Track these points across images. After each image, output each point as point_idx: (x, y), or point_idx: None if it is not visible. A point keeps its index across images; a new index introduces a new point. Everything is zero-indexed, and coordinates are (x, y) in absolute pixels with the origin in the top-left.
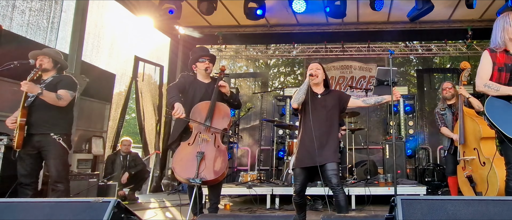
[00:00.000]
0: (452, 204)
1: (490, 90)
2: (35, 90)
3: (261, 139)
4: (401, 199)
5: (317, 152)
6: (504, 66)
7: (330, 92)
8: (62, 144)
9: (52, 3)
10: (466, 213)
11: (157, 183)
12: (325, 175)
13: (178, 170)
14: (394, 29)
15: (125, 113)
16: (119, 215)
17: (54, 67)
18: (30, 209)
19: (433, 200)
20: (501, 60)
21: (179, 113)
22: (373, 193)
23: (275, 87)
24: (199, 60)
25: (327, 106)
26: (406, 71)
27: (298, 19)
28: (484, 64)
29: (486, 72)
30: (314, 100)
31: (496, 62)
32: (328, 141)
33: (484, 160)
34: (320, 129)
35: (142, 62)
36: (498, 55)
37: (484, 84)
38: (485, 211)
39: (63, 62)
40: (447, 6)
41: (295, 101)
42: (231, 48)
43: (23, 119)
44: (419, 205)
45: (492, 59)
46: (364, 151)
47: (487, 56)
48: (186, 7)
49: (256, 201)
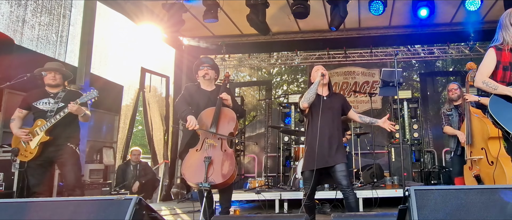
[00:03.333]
0: (465, 193)
1: (488, 88)
2: (81, 112)
3: (267, 145)
4: (414, 189)
5: (326, 153)
6: (509, 65)
7: (335, 95)
8: (77, 152)
9: (60, 17)
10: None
11: (167, 191)
12: (335, 176)
13: (188, 176)
14: (396, 34)
15: (134, 123)
16: (140, 212)
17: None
18: (56, 208)
19: (446, 190)
20: (506, 59)
21: (193, 124)
22: (380, 196)
23: (279, 95)
24: (199, 68)
25: (333, 108)
26: (410, 76)
27: (300, 26)
28: (488, 61)
29: (487, 70)
30: (319, 102)
31: (501, 61)
32: (335, 142)
33: (492, 160)
34: (328, 130)
35: (149, 73)
36: (504, 54)
37: (482, 81)
38: (498, 199)
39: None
40: (449, 9)
41: (306, 101)
42: (235, 58)
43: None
44: (433, 194)
45: (497, 58)
46: (369, 155)
47: (492, 54)
48: (190, 18)
49: (265, 207)
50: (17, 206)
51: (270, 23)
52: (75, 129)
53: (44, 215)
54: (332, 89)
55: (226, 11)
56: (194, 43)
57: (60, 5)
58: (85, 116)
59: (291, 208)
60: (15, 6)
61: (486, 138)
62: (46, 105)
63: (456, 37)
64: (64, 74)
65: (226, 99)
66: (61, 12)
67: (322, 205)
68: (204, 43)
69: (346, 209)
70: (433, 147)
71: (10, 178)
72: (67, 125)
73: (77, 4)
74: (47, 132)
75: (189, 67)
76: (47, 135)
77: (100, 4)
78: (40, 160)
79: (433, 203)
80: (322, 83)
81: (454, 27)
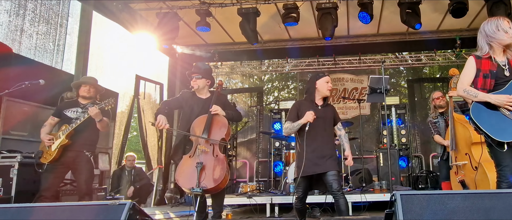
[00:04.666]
0: (449, 198)
1: (469, 95)
2: (100, 117)
3: (259, 151)
4: (400, 194)
5: (319, 161)
6: (489, 73)
7: (328, 105)
8: (92, 161)
9: (57, 26)
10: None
11: (160, 196)
12: (325, 180)
13: (181, 181)
14: (384, 41)
15: (129, 129)
16: (134, 217)
17: (96, 95)
18: (52, 213)
19: (431, 195)
20: (486, 67)
21: (161, 124)
22: (369, 200)
23: (270, 101)
24: (190, 78)
25: (326, 118)
26: (397, 82)
27: (291, 34)
28: (468, 70)
29: (467, 78)
30: (314, 111)
31: (481, 69)
32: (328, 150)
33: (475, 165)
34: (320, 138)
35: (143, 81)
36: (484, 62)
37: (463, 89)
38: (481, 204)
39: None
40: (435, 17)
41: (286, 133)
42: (227, 65)
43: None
44: (418, 199)
45: (477, 66)
46: (358, 160)
47: (472, 62)
48: (184, 27)
49: (256, 211)
50: (14, 211)
51: (261, 31)
52: (93, 138)
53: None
54: (327, 100)
55: (218, 19)
56: (188, 51)
57: (57, 15)
58: (102, 122)
59: (282, 212)
60: (13, 16)
61: (469, 144)
62: (73, 114)
63: (443, 44)
64: (97, 89)
65: (216, 111)
66: (58, 22)
67: (312, 209)
68: (197, 51)
69: (336, 212)
70: (420, 152)
71: (8, 184)
72: (87, 132)
73: (74, 13)
74: (68, 136)
75: (183, 74)
76: (68, 138)
77: (96, 14)
78: (57, 163)
79: (419, 208)
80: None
81: (440, 34)
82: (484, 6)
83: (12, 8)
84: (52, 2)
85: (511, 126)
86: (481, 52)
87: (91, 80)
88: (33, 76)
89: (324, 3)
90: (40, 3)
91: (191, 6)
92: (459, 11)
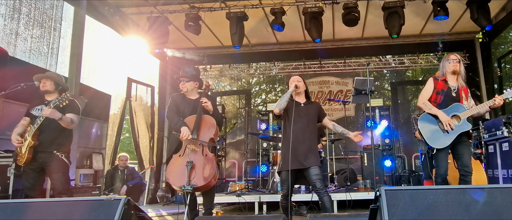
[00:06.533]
0: (432, 193)
1: (425, 107)
2: (57, 116)
3: (247, 151)
4: (385, 189)
5: (302, 156)
6: (441, 91)
7: (311, 103)
8: (64, 160)
9: (51, 30)
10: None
11: (152, 195)
12: (309, 179)
13: (172, 180)
14: (368, 45)
15: (121, 130)
16: (129, 212)
17: (56, 90)
18: (49, 208)
19: (415, 190)
20: (439, 86)
21: (186, 135)
22: (353, 198)
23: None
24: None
25: (309, 115)
26: (381, 85)
27: (278, 38)
28: (427, 87)
29: (427, 94)
30: (297, 108)
31: (436, 88)
32: (310, 146)
33: None
34: (303, 134)
35: (135, 83)
36: (439, 83)
37: (423, 102)
38: (463, 198)
39: (64, 85)
40: (418, 21)
41: (277, 107)
42: (216, 68)
43: (35, 139)
44: (402, 195)
45: (434, 85)
46: (343, 160)
47: (431, 82)
48: (174, 31)
49: (245, 209)
50: (12, 207)
51: (249, 35)
52: (64, 137)
53: (38, 216)
54: (309, 97)
55: (207, 24)
56: (178, 55)
57: (51, 19)
58: (63, 120)
59: (270, 210)
60: (8, 20)
61: None
62: (38, 112)
63: (425, 48)
64: (54, 81)
65: (206, 103)
66: (52, 25)
67: (298, 207)
68: (187, 55)
69: (321, 209)
70: (403, 152)
71: (6, 182)
72: (55, 132)
73: (67, 17)
74: (34, 137)
75: (173, 77)
76: (34, 139)
77: (89, 18)
78: (33, 165)
79: (403, 203)
80: (296, 92)
81: (423, 38)
82: (466, 10)
83: (7, 12)
84: (46, 6)
85: (443, 137)
86: (439, 76)
87: (46, 74)
88: (28, 78)
89: (311, 8)
90: (34, 7)
91: (181, 11)
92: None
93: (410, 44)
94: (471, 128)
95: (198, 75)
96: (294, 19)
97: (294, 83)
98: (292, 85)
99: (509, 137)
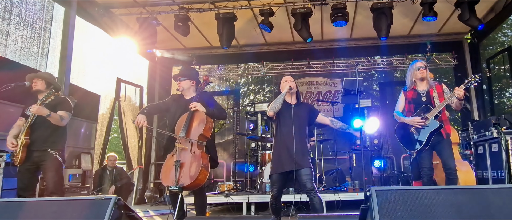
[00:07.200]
0: (423, 193)
1: (397, 117)
2: (44, 113)
3: (236, 152)
4: (375, 189)
5: (292, 159)
6: (411, 99)
7: (301, 104)
8: (58, 159)
9: (41, 31)
10: (437, 201)
11: (141, 195)
12: (300, 180)
13: (163, 180)
14: (356, 46)
15: (110, 131)
16: (119, 211)
17: (47, 89)
18: (41, 208)
19: (405, 190)
20: (409, 96)
21: (140, 121)
22: (342, 199)
23: (246, 104)
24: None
25: (299, 116)
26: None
27: (266, 39)
28: (399, 100)
29: (399, 105)
30: (288, 110)
31: (407, 98)
32: (301, 148)
33: None
34: (294, 136)
35: (124, 83)
36: (409, 93)
37: (396, 112)
38: (454, 199)
39: (56, 84)
40: (406, 22)
41: (272, 110)
42: (204, 69)
43: (27, 137)
44: (393, 195)
45: (404, 96)
46: (332, 161)
47: (402, 96)
48: (163, 32)
49: (233, 209)
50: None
51: (238, 36)
52: (58, 135)
53: (28, 215)
54: (300, 99)
55: (196, 24)
56: (167, 55)
57: (41, 19)
58: (52, 117)
59: (258, 211)
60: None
61: None
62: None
63: (414, 48)
64: (46, 81)
65: (195, 107)
66: (42, 26)
67: (287, 208)
68: (176, 55)
69: (311, 210)
70: (392, 153)
71: None
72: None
73: (57, 18)
74: (27, 135)
75: (162, 77)
76: (26, 138)
77: (79, 19)
78: (27, 164)
79: (393, 203)
80: (289, 93)
81: (411, 39)
82: (454, 11)
83: None
84: (37, 7)
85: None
86: (407, 87)
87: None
88: (18, 79)
89: (299, 8)
90: (25, 8)
91: (170, 11)
92: None
93: (398, 45)
94: (439, 126)
95: (195, 75)
96: (282, 20)
97: (288, 84)
98: (286, 85)
99: (498, 137)
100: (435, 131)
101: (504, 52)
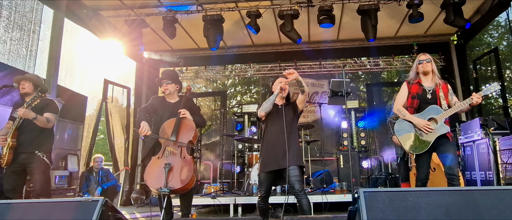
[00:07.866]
0: (411, 195)
1: (400, 114)
2: (30, 116)
3: (222, 153)
4: (363, 191)
5: (281, 156)
6: (416, 94)
7: (289, 103)
8: (45, 160)
9: (30, 33)
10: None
11: (127, 196)
12: (289, 180)
13: (150, 182)
14: (343, 47)
15: (97, 132)
16: (106, 213)
17: (35, 91)
18: (29, 209)
19: (393, 192)
20: (414, 90)
21: (145, 130)
22: (330, 200)
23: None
24: (161, 84)
25: (287, 116)
26: (356, 87)
27: (254, 40)
28: (401, 92)
29: (401, 99)
30: (276, 110)
31: (410, 92)
32: (290, 146)
33: (434, 166)
34: (282, 135)
35: (111, 85)
36: (413, 86)
37: (397, 108)
38: (442, 200)
39: (43, 86)
40: (393, 23)
41: (263, 111)
42: (192, 70)
43: (14, 139)
44: (381, 196)
45: (408, 90)
46: (319, 162)
47: (404, 87)
48: (150, 33)
49: (220, 211)
50: None
51: (225, 37)
52: (44, 137)
53: (16, 217)
54: (289, 99)
55: (184, 26)
56: (154, 57)
57: (30, 22)
58: (38, 119)
59: (245, 212)
60: None
61: None
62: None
63: (401, 50)
64: (33, 83)
65: (184, 114)
66: (31, 28)
67: (274, 210)
68: (164, 57)
69: (299, 212)
70: (379, 154)
71: None
72: (34, 132)
73: (46, 20)
74: (13, 137)
75: (149, 78)
76: (13, 140)
77: (67, 21)
78: (14, 166)
79: (382, 205)
80: (281, 96)
81: (398, 40)
82: (440, 12)
83: None
84: (26, 9)
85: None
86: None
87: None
88: (7, 81)
89: (286, 10)
90: (14, 10)
91: (158, 14)
92: None
93: (385, 46)
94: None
95: (178, 78)
96: (269, 22)
97: (279, 85)
98: (277, 87)
99: (486, 138)
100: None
101: (491, 53)
